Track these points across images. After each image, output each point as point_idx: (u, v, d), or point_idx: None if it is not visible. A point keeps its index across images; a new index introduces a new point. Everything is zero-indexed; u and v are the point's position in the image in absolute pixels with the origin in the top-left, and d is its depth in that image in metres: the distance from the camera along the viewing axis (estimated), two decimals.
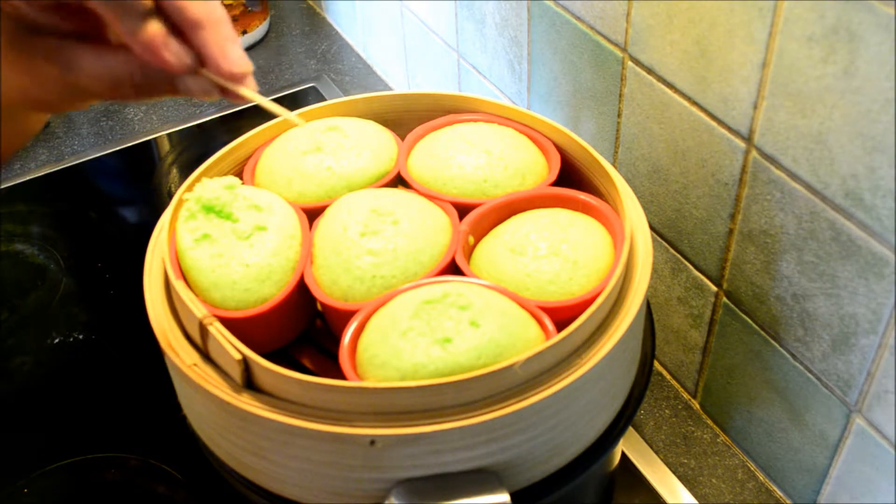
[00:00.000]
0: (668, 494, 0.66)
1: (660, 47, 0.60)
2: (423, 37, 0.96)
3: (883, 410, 0.53)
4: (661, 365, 0.75)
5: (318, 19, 1.23)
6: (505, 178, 0.59)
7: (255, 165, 0.62)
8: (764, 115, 0.54)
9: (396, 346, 0.47)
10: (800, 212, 0.54)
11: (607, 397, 0.50)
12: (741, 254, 0.60)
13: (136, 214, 0.97)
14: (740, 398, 0.66)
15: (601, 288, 0.51)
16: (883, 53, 0.44)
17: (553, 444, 0.47)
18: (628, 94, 0.65)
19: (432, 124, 0.64)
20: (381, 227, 0.54)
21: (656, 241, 0.69)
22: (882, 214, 0.48)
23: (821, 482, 0.61)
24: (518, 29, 0.76)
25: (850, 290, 0.52)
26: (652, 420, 0.71)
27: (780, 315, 0.59)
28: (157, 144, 1.02)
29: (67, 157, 1.00)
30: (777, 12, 0.50)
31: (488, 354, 0.46)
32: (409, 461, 0.44)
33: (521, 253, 0.53)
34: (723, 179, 0.59)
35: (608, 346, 0.47)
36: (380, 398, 0.44)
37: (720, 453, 0.69)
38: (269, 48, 1.18)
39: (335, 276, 0.53)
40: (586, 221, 0.56)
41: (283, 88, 1.09)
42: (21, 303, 0.83)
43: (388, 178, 0.60)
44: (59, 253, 0.88)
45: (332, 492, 0.47)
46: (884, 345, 0.51)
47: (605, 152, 0.71)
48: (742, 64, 0.53)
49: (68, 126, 1.06)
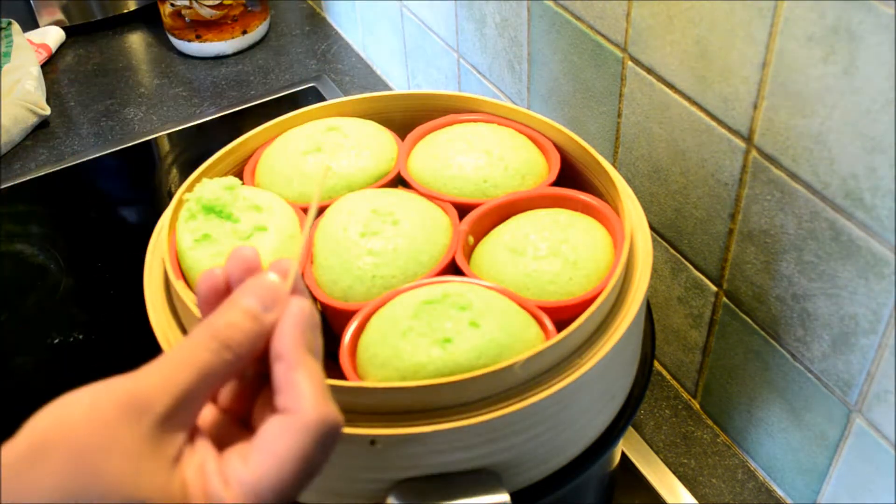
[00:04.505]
0: (668, 494, 0.66)
1: (660, 47, 0.60)
2: (423, 37, 0.96)
3: (883, 410, 0.53)
4: (661, 365, 0.75)
5: (318, 19, 1.23)
6: (505, 178, 0.59)
7: (255, 165, 0.62)
8: (764, 115, 0.54)
9: (396, 346, 0.47)
10: (800, 212, 0.54)
11: (607, 397, 0.50)
12: (741, 254, 0.60)
13: (136, 214, 0.97)
14: (740, 398, 0.66)
15: (601, 288, 0.51)
16: (883, 53, 0.44)
17: (553, 444, 0.47)
18: (628, 94, 0.65)
19: (432, 124, 0.64)
20: (381, 227, 0.54)
21: (656, 241, 0.69)
22: (882, 214, 0.48)
23: (821, 482, 0.61)
24: (518, 29, 0.76)
25: (850, 290, 0.52)
26: (652, 420, 0.71)
27: (780, 315, 0.59)
28: (157, 144, 1.02)
29: (67, 157, 1.00)
30: (777, 12, 0.50)
31: (488, 354, 0.46)
32: (409, 461, 0.44)
33: (521, 253, 0.53)
34: (723, 179, 0.59)
35: (608, 346, 0.47)
36: (380, 398, 0.44)
37: (720, 453, 0.69)
38: (269, 48, 1.18)
39: (335, 276, 0.53)
40: (586, 221, 0.56)
41: (283, 88, 1.09)
42: (21, 303, 0.83)
43: (388, 178, 0.60)
44: (59, 253, 0.88)
45: (332, 492, 0.47)
46: (884, 345, 0.51)
47: (605, 152, 0.71)
48: (742, 64, 0.53)
49: (68, 126, 1.06)
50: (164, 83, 1.12)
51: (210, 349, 0.34)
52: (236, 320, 0.35)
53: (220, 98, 1.09)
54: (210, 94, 1.10)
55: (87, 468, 0.31)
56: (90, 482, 0.31)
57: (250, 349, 0.35)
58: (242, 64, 1.15)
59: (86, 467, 0.31)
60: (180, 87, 1.11)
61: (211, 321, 0.35)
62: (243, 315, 0.35)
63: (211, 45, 1.15)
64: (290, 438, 0.34)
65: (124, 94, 1.10)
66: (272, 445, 0.34)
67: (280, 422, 0.34)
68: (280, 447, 0.34)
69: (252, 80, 1.12)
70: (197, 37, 1.14)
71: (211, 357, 0.34)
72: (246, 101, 1.07)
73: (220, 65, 1.15)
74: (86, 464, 0.31)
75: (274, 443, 0.34)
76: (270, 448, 0.34)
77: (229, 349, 0.34)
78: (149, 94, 1.10)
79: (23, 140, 1.03)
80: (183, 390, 0.33)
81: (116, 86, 1.12)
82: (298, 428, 0.34)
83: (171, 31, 1.16)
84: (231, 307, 0.35)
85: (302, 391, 0.35)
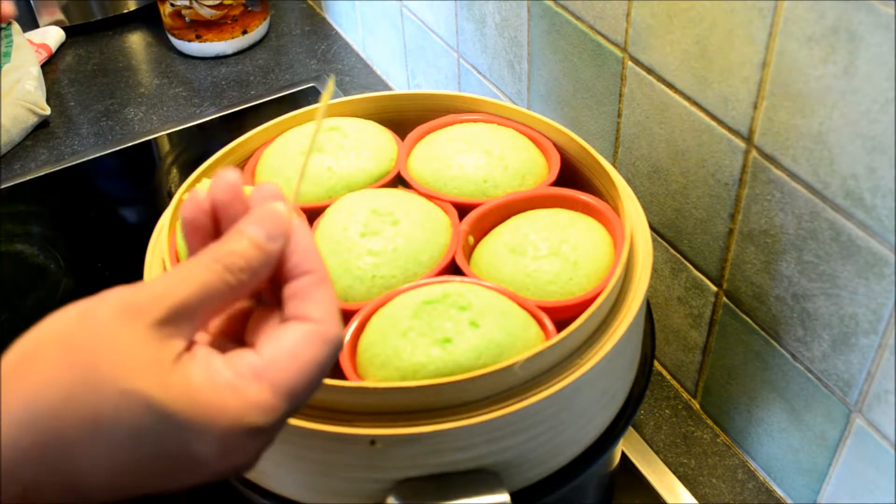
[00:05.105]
0: (668, 494, 0.66)
1: (660, 47, 0.60)
2: (423, 37, 0.96)
3: (883, 410, 0.53)
4: (661, 365, 0.75)
5: (318, 19, 1.23)
6: (505, 178, 0.59)
7: (255, 165, 0.62)
8: (764, 115, 0.54)
9: (396, 347, 0.47)
10: (800, 212, 0.54)
11: (607, 397, 0.50)
12: (741, 254, 0.60)
13: (136, 214, 0.97)
14: (740, 398, 0.66)
15: (601, 288, 0.51)
16: (883, 53, 0.44)
17: (553, 444, 0.47)
18: (628, 94, 0.65)
19: (432, 124, 0.64)
20: (381, 227, 0.54)
21: (656, 241, 0.69)
22: (882, 214, 0.48)
23: (821, 482, 0.61)
24: (518, 29, 0.76)
25: (850, 290, 0.52)
26: (652, 420, 0.71)
27: (780, 315, 0.59)
28: (157, 144, 1.02)
29: (67, 157, 1.00)
30: (777, 12, 0.50)
31: (488, 354, 0.46)
32: (409, 461, 0.44)
33: (521, 253, 0.53)
34: (723, 179, 0.59)
35: (608, 346, 0.47)
36: (380, 398, 0.44)
37: (720, 453, 0.69)
38: (269, 48, 1.18)
39: (335, 276, 0.53)
40: (586, 222, 0.55)
41: (283, 88, 1.09)
42: (21, 303, 0.83)
43: (388, 178, 0.60)
44: (59, 253, 0.88)
45: (332, 492, 0.47)
46: (884, 345, 0.51)
47: (605, 152, 0.71)
48: (742, 64, 0.53)
49: (68, 126, 1.06)
50: (164, 83, 1.12)
51: (213, 270, 0.34)
52: (240, 248, 0.35)
53: (220, 98, 1.09)
54: (210, 94, 1.10)
55: (82, 363, 0.31)
56: (86, 376, 0.30)
57: (252, 276, 0.35)
58: (242, 64, 1.15)
59: (81, 362, 0.31)
60: (180, 87, 1.11)
61: (215, 247, 0.35)
62: (248, 243, 0.35)
63: (211, 45, 1.15)
64: (317, 347, 0.34)
65: (124, 94, 1.11)
66: (296, 349, 0.34)
67: (306, 329, 0.34)
68: (307, 354, 0.34)
69: (252, 80, 1.12)
70: (197, 37, 1.14)
71: (213, 277, 0.34)
72: (246, 101, 1.07)
73: (220, 65, 1.15)
74: (81, 359, 0.31)
75: (298, 346, 0.34)
76: (294, 351, 0.34)
77: (232, 273, 0.34)
78: (149, 94, 1.10)
79: (23, 140, 1.03)
80: (182, 300, 0.33)
81: (116, 86, 1.12)
82: (326, 339, 0.34)
83: (171, 31, 1.16)
84: (236, 235, 0.35)
85: (330, 306, 0.35)
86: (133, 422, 0.31)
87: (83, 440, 0.30)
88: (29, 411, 0.30)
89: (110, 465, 0.31)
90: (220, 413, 0.32)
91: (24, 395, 0.30)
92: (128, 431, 0.31)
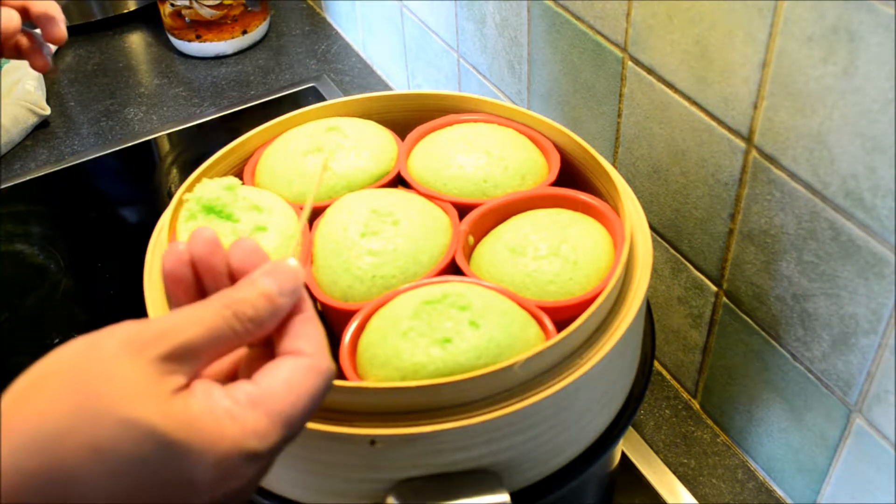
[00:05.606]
0: (668, 494, 0.66)
1: (660, 47, 0.60)
2: (423, 37, 0.96)
3: (883, 410, 0.53)
4: (661, 365, 0.75)
5: (318, 19, 1.23)
6: (505, 178, 0.59)
7: (255, 165, 0.62)
8: (764, 115, 0.54)
9: (396, 346, 0.47)
10: (800, 212, 0.54)
11: (607, 397, 0.50)
12: (741, 254, 0.60)
13: (136, 214, 0.97)
14: (740, 398, 0.66)
15: (601, 288, 0.51)
16: (883, 53, 0.44)
17: (553, 444, 0.47)
18: (628, 94, 0.65)
19: (432, 124, 0.64)
20: (381, 227, 0.54)
21: (656, 241, 0.69)
22: (882, 214, 0.48)
23: (821, 482, 0.61)
24: (518, 29, 0.76)
25: (850, 290, 0.52)
26: (652, 420, 0.71)
27: (780, 315, 0.59)
28: (157, 144, 1.02)
29: (67, 157, 1.00)
30: (777, 12, 0.50)
31: (488, 354, 0.46)
32: (408, 461, 0.44)
33: (521, 253, 0.53)
34: (723, 179, 0.59)
35: (608, 346, 0.47)
36: (380, 398, 0.44)
37: (720, 453, 0.69)
38: (269, 48, 1.18)
39: (335, 276, 0.53)
40: (586, 222, 0.55)
41: (283, 88, 1.09)
42: (21, 303, 0.83)
43: (388, 178, 0.60)
44: (59, 253, 0.88)
45: (332, 492, 0.47)
46: (884, 345, 0.51)
47: (605, 152, 0.71)
48: (742, 64, 0.53)
49: (68, 126, 1.06)
50: (164, 83, 1.12)
51: (222, 315, 0.35)
52: (252, 297, 0.36)
53: (220, 98, 1.09)
54: (210, 94, 1.10)
55: (84, 391, 0.31)
56: (87, 404, 0.31)
57: (258, 326, 0.36)
58: (242, 64, 1.15)
59: (83, 391, 0.32)
60: (180, 87, 1.11)
61: (227, 292, 0.36)
62: (259, 294, 0.36)
63: (211, 45, 1.15)
64: (312, 378, 0.35)
65: (124, 94, 1.11)
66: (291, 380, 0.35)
67: (299, 363, 0.36)
68: (302, 384, 0.35)
69: (252, 80, 1.12)
70: (197, 37, 1.14)
71: (220, 322, 0.35)
72: (246, 101, 1.07)
73: (220, 65, 1.15)
74: (83, 388, 0.32)
75: (293, 377, 0.35)
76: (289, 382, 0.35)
77: (240, 321, 0.35)
78: (149, 94, 1.10)
79: (23, 140, 1.03)
80: (187, 340, 0.34)
81: (116, 86, 1.12)
82: (320, 371, 0.36)
83: (171, 31, 1.16)
84: (250, 285, 0.36)
85: (321, 341, 0.37)
86: (133, 448, 0.31)
87: (84, 466, 0.31)
88: (33, 437, 0.31)
89: (110, 491, 0.31)
90: (219, 439, 0.33)
91: (29, 420, 0.31)
92: (128, 458, 0.31)
